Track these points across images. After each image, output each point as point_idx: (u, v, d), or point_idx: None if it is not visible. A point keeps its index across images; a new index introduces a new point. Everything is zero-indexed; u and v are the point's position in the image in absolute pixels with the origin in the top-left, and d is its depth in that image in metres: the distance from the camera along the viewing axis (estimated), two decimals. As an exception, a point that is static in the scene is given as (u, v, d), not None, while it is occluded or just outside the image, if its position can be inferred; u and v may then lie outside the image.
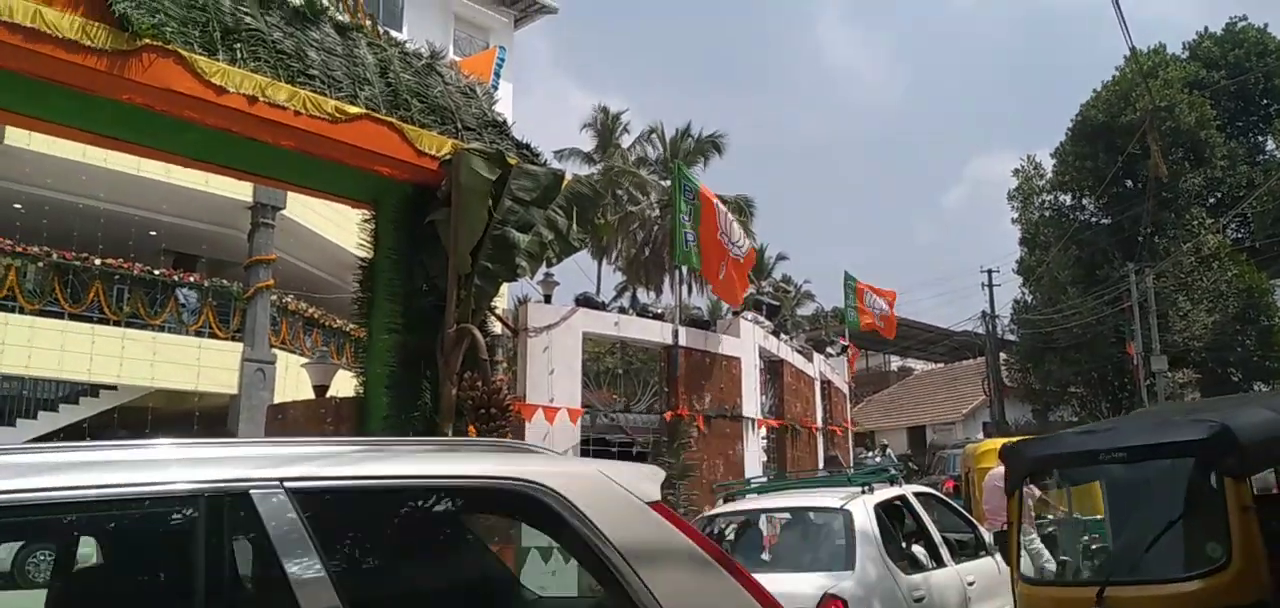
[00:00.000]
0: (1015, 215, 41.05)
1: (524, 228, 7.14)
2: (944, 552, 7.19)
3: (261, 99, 5.92)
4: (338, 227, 19.73)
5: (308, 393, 11.45)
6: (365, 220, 7.91)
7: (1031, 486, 9.87)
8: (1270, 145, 36.61)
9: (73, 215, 18.21)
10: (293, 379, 18.47)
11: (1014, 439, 16.09)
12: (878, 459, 25.32)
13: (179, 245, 22.04)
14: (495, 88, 10.89)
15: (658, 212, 37.97)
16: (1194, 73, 36.25)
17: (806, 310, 49.67)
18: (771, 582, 6.04)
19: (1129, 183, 35.48)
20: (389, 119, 6.65)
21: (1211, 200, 35.06)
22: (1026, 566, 8.99)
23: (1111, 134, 34.39)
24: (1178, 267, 32.45)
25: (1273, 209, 32.00)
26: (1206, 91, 35.13)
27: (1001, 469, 9.91)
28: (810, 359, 17.76)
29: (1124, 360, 32.38)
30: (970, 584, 7.18)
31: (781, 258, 49.43)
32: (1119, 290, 31.94)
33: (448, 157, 6.87)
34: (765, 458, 13.58)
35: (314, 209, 20.05)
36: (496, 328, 8.77)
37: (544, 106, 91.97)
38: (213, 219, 20.52)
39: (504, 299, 18.19)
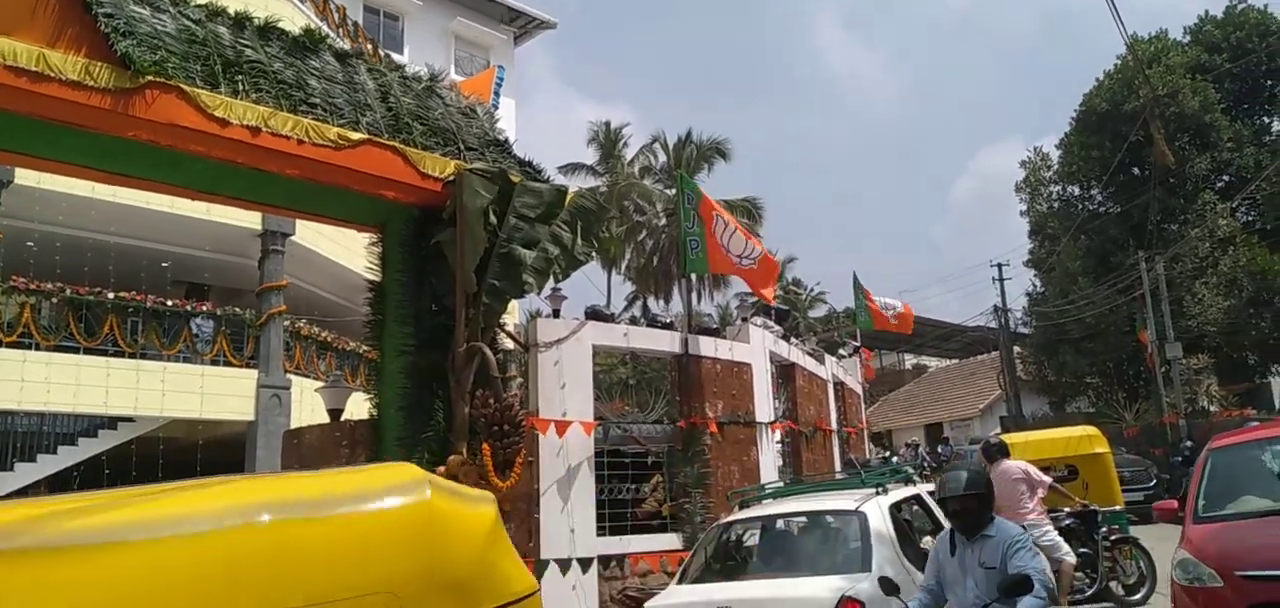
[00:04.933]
0: (1023, 208, 40.95)
1: (529, 245, 7.18)
2: (960, 549, 7.17)
3: (264, 129, 5.98)
4: (347, 250, 19.84)
5: (323, 417, 11.50)
6: (373, 244, 7.97)
7: (1043, 476, 9.87)
8: (1276, 126, 36.38)
9: (84, 250, 18.35)
10: (308, 404, 18.55)
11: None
12: (894, 459, 25.26)
13: (190, 275, 22.18)
14: (495, 106, 10.96)
15: (664, 220, 38.01)
16: (1196, 57, 36.04)
17: (819, 313, 49.68)
18: (788, 586, 6.08)
19: (1136, 170, 35.35)
20: (391, 143, 6.71)
21: (1220, 184, 34.86)
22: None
23: (1116, 122, 34.26)
24: (1193, 252, 32.27)
25: (1281, 190, 31.82)
26: (1210, 76, 34.93)
27: (1013, 463, 9.92)
28: (822, 362, 17.72)
29: (1138, 349, 32.21)
30: (988, 580, 7.16)
31: (791, 261, 49.48)
32: (1130, 279, 31.80)
33: (451, 177, 6.92)
34: (781, 462, 13.56)
35: (323, 234, 20.16)
36: (508, 344, 8.81)
37: (548, 120, 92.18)
38: (222, 248, 20.65)
39: (514, 315, 18.23)
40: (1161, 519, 8.25)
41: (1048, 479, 9.97)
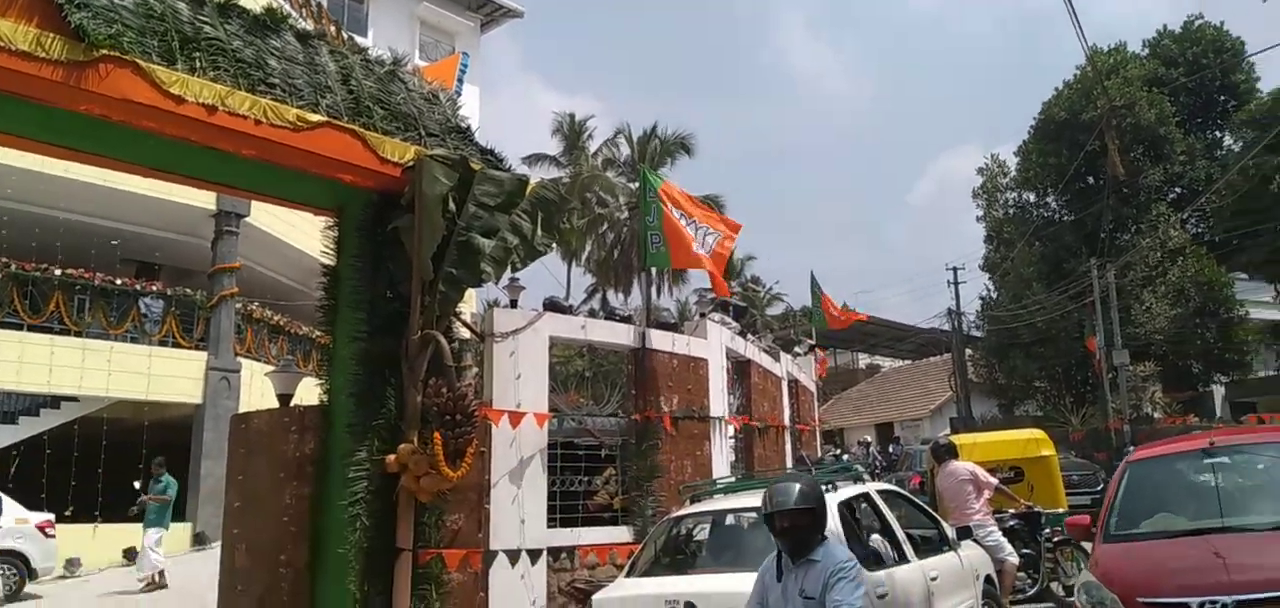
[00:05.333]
0: (980, 213, 41.53)
1: (488, 233, 7.14)
2: (907, 548, 7.29)
3: (221, 108, 5.88)
4: (303, 233, 19.63)
5: (273, 402, 11.38)
6: (329, 227, 7.88)
7: (990, 478, 10.04)
8: (1228, 141, 37.26)
9: (32, 226, 17.98)
10: (258, 388, 18.33)
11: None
12: (846, 457, 25.54)
13: (140, 254, 21.81)
14: (459, 93, 10.90)
15: (626, 214, 38.05)
16: (1153, 70, 36.81)
17: (776, 310, 50.03)
18: (736, 580, 6.14)
19: (1091, 180, 36.01)
20: (351, 127, 6.63)
21: (1171, 195, 35.63)
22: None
23: (1074, 131, 34.89)
24: (1144, 261, 32.94)
25: (1230, 204, 32.57)
26: (1166, 88, 35.68)
27: (961, 465, 10.09)
28: (777, 359, 17.83)
29: (1087, 355, 32.85)
30: (933, 579, 7.28)
31: (750, 258, 49.85)
32: (1082, 285, 32.40)
33: (411, 163, 6.86)
34: (733, 458, 13.65)
35: (279, 216, 19.92)
36: (463, 333, 8.76)
37: (512, 109, 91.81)
38: (175, 227, 20.33)
39: (471, 304, 18.14)
40: (1074, 536, 7.90)
41: (994, 481, 10.17)
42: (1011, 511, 10.81)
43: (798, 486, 4.37)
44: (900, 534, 7.38)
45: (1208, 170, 34.74)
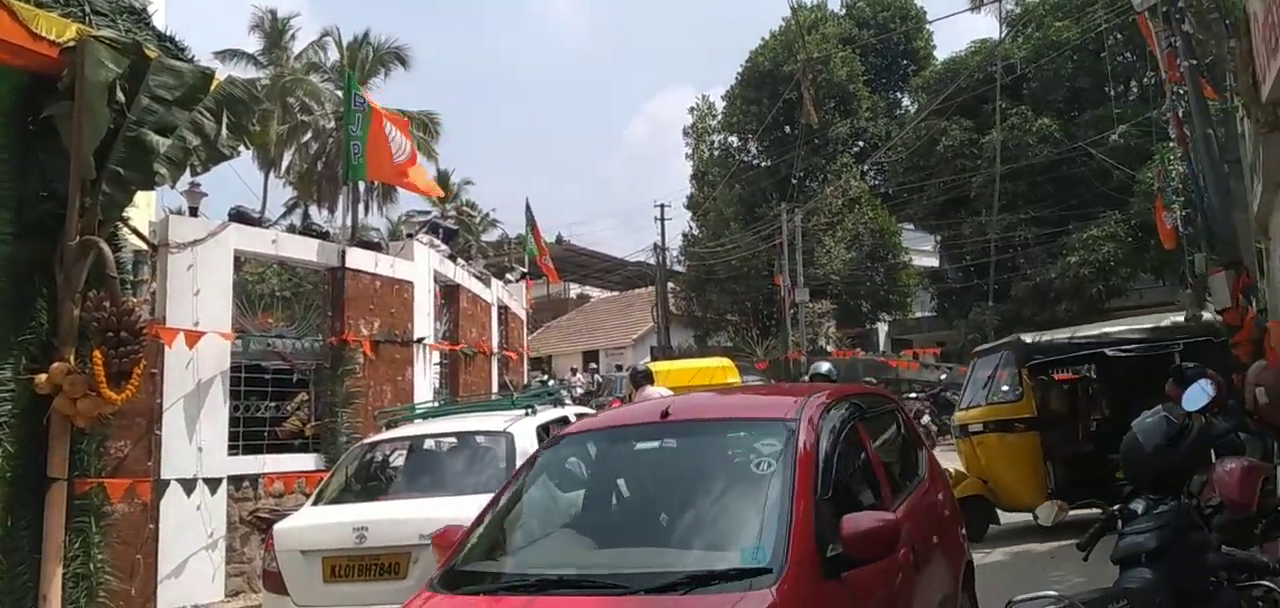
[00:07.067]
0: (688, 152, 43.31)
1: (164, 130, 6.46)
2: (601, 470, 7.51)
3: None
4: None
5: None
6: (-34, 111, 6.82)
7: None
8: (906, 102, 41.11)
9: None
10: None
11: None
12: (552, 382, 26.06)
13: None
14: (136, -29, 9.73)
15: (333, 123, 36.03)
16: (849, 30, 39.76)
17: (491, 237, 49.76)
18: (433, 506, 6.04)
19: (788, 129, 38.51)
20: (-7, -6, 5.72)
21: (856, 148, 38.91)
22: None
23: (775, 82, 37.02)
24: (828, 208, 35.79)
25: (903, 160, 36.04)
26: (857, 47, 38.71)
27: (655, 390, 10.55)
28: (488, 285, 17.75)
29: (773, 292, 35.40)
30: (624, 499, 7.57)
31: (468, 183, 49.18)
32: (773, 227, 34.75)
33: (71, 43, 6.05)
34: (438, 384, 13.47)
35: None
36: (134, 242, 7.93)
37: (205, 3, 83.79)
38: None
39: (150, 210, 16.54)
40: (438, 552, 4.28)
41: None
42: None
43: None
44: (595, 458, 7.59)
45: (887, 127, 38.15)
